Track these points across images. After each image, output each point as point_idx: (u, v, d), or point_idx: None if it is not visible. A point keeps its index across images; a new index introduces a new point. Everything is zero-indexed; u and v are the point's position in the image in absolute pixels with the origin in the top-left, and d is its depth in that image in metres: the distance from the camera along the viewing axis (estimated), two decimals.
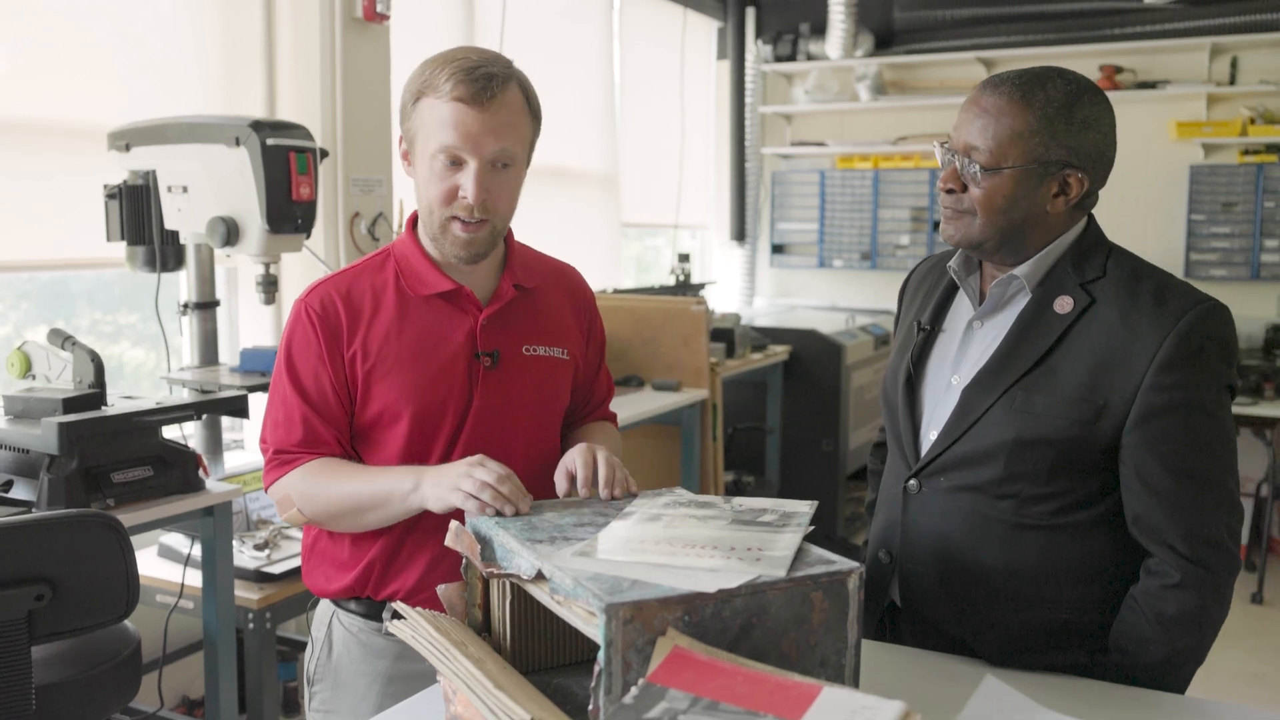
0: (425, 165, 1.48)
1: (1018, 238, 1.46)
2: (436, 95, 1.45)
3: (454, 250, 1.52)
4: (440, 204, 1.49)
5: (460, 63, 1.45)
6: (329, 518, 1.54)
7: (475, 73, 1.44)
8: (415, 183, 1.54)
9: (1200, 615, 1.40)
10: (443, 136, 1.45)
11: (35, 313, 3.10)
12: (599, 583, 1.08)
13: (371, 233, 3.53)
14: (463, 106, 1.44)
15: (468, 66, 1.45)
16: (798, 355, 5.11)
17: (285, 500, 1.54)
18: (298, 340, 1.55)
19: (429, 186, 1.49)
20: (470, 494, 1.35)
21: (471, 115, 1.44)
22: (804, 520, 1.29)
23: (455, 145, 1.45)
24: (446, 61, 1.47)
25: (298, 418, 1.53)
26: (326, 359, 1.53)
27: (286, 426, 1.54)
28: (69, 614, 1.68)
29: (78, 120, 2.90)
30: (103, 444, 2.17)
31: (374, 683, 1.59)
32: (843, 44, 6.03)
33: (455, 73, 1.44)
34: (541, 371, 1.61)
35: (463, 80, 1.43)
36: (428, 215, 1.52)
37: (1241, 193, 5.47)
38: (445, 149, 1.45)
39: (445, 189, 1.47)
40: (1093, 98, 1.43)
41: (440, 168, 1.47)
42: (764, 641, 1.10)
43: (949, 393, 1.52)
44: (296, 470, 1.53)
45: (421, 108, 1.47)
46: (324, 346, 1.53)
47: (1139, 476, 1.41)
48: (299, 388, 1.53)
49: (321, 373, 1.53)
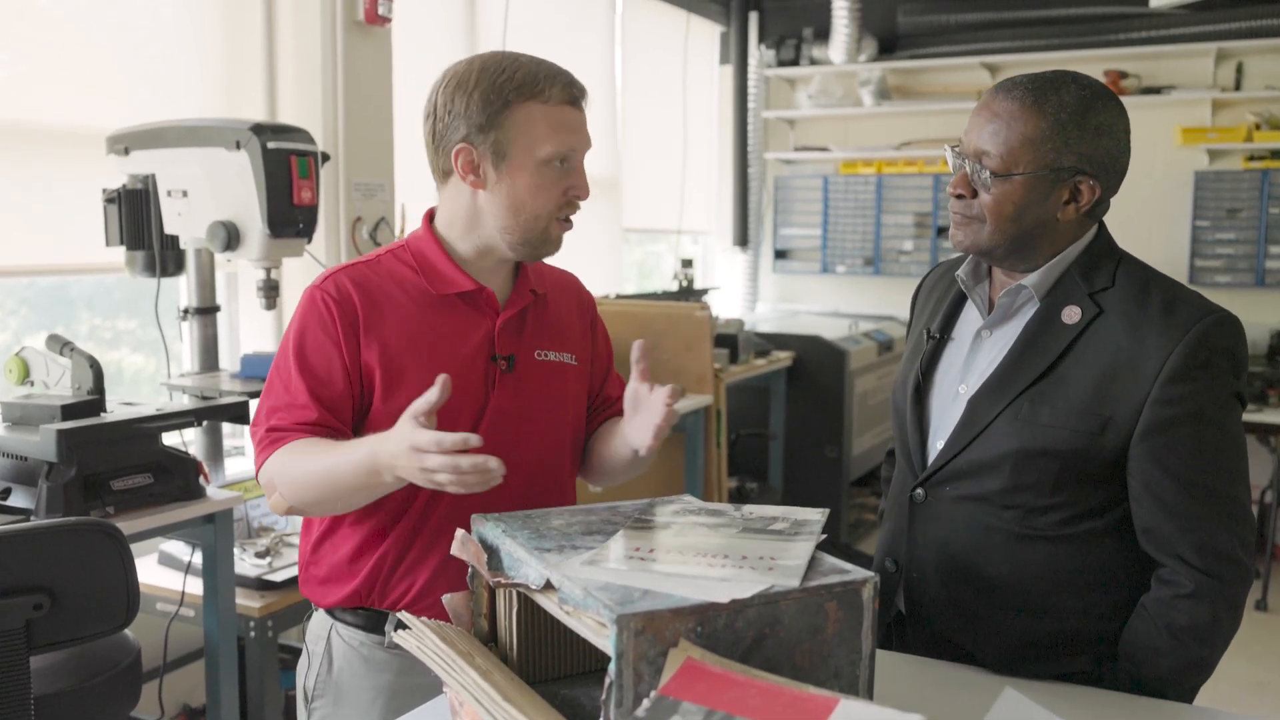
0: (532, 170, 1.49)
1: (1027, 245, 1.44)
2: (543, 100, 1.48)
3: (547, 249, 1.56)
4: (555, 207, 1.52)
5: (550, 69, 1.51)
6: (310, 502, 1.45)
7: (569, 77, 1.52)
8: (498, 192, 1.50)
9: (1213, 626, 1.38)
10: (560, 139, 1.49)
11: (35, 318, 3.08)
12: (609, 593, 1.06)
13: (374, 237, 3.51)
14: (572, 110, 1.51)
15: (557, 72, 1.51)
16: (801, 361, 5.10)
17: (269, 485, 1.47)
18: (312, 323, 1.50)
19: (539, 193, 1.50)
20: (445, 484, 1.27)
21: (578, 118, 1.52)
22: (816, 529, 1.27)
23: (575, 146, 1.51)
24: (535, 67, 1.50)
25: (300, 399, 1.47)
26: (343, 342, 1.49)
27: (287, 408, 1.48)
28: (68, 623, 1.66)
29: (78, 124, 2.88)
30: (102, 451, 2.14)
31: (378, 697, 1.56)
32: (846, 49, 6.02)
33: (554, 79, 1.49)
34: (552, 377, 1.60)
35: (567, 85, 1.50)
36: (531, 222, 1.51)
37: (1246, 199, 5.45)
38: (562, 152, 1.49)
39: (559, 192, 1.51)
40: (1107, 104, 1.41)
41: (554, 171, 1.50)
42: (777, 652, 1.08)
43: (956, 402, 1.50)
44: (283, 449, 1.45)
45: (522, 114, 1.47)
46: (340, 331, 1.49)
47: (1148, 489, 1.39)
48: (305, 368, 1.48)
49: (334, 356, 1.49)
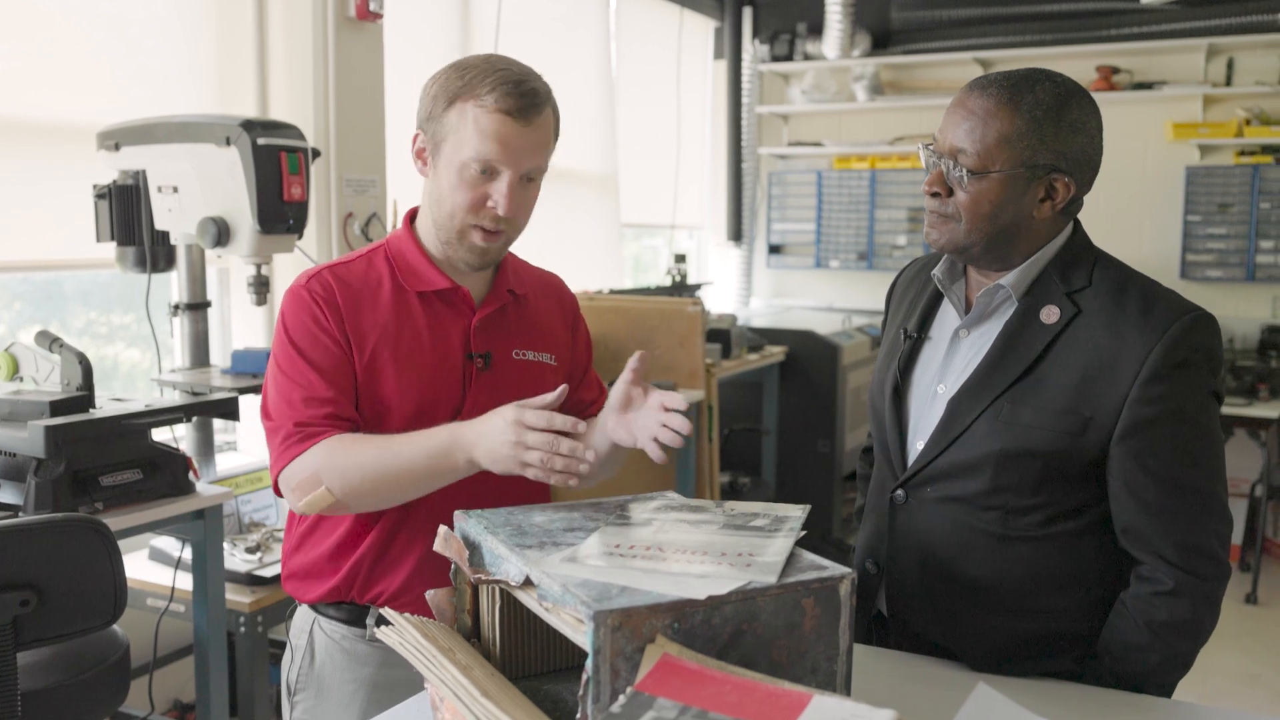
0: (453, 170, 1.47)
1: (1003, 243, 1.44)
2: (478, 103, 1.43)
3: (467, 257, 1.51)
4: (466, 211, 1.48)
5: (505, 74, 1.44)
6: (363, 494, 1.44)
7: (522, 87, 1.44)
8: (432, 184, 1.52)
9: (1193, 623, 1.39)
10: (481, 146, 1.44)
11: (29, 313, 3.08)
12: (587, 589, 1.06)
13: (365, 233, 3.52)
14: (508, 119, 1.43)
15: (514, 79, 1.44)
16: (794, 356, 5.11)
17: (311, 479, 1.42)
18: (302, 319, 1.50)
19: (455, 192, 1.47)
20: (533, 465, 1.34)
21: (515, 129, 1.44)
22: (796, 525, 1.28)
23: (495, 157, 1.44)
24: (489, 70, 1.45)
25: (318, 392, 1.46)
26: (336, 334, 1.49)
27: (303, 402, 1.46)
28: (55, 620, 1.67)
29: (69, 120, 2.88)
30: (91, 447, 2.14)
31: (359, 690, 1.57)
32: (840, 44, 6.02)
33: (502, 84, 1.43)
34: (531, 376, 1.60)
35: (510, 93, 1.43)
36: (446, 219, 1.50)
37: (1237, 194, 5.46)
38: (482, 159, 1.44)
39: (474, 197, 1.47)
40: (1081, 101, 1.41)
41: (472, 175, 1.46)
42: (754, 648, 1.09)
43: (935, 402, 1.50)
44: (322, 444, 1.43)
45: (456, 113, 1.45)
46: (331, 323, 1.49)
47: (1128, 488, 1.40)
48: (312, 362, 1.48)
49: (332, 348, 1.49)
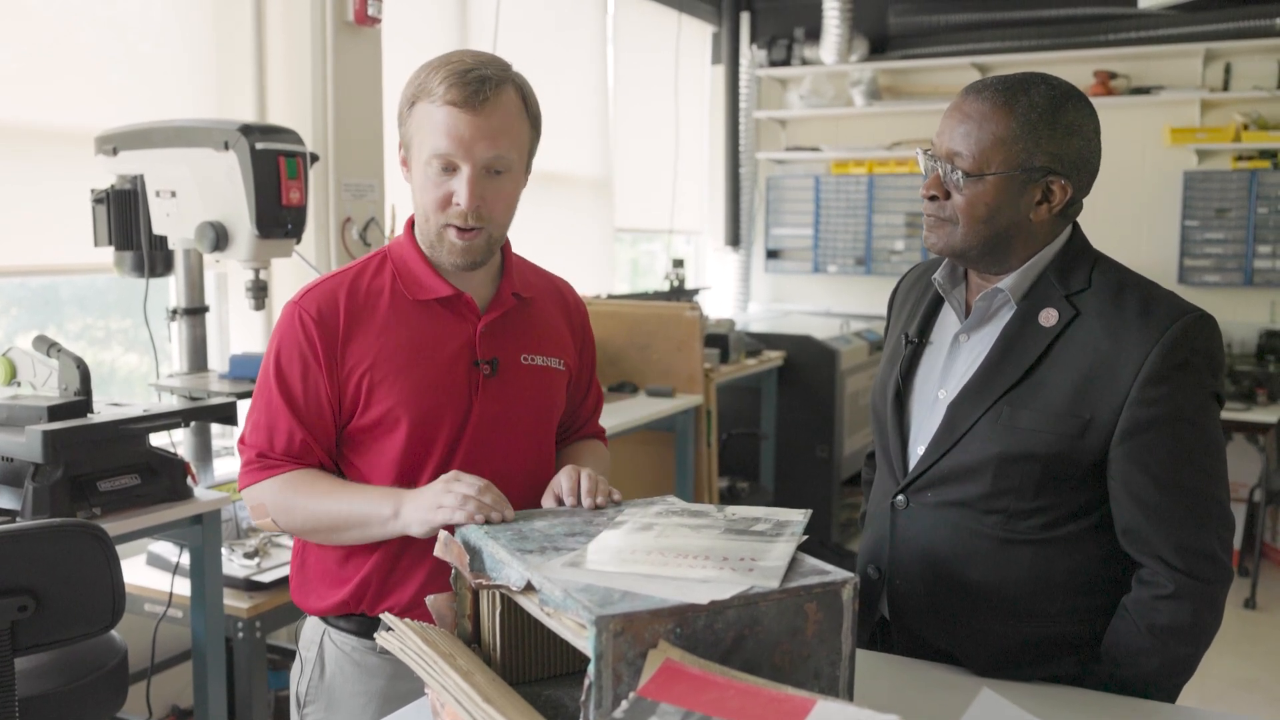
0: (420, 171, 1.46)
1: (1001, 246, 1.44)
2: (430, 100, 1.42)
3: (450, 257, 1.50)
4: (435, 210, 1.46)
5: (454, 66, 1.43)
6: (304, 532, 1.54)
7: (468, 75, 1.41)
8: (412, 188, 1.52)
9: (1194, 626, 1.39)
10: (436, 142, 1.42)
11: (26, 318, 3.08)
12: (589, 594, 1.06)
13: (363, 238, 3.51)
14: (456, 110, 1.41)
15: (461, 69, 1.42)
16: (792, 361, 5.11)
17: (260, 508, 1.53)
18: (290, 345, 1.50)
19: (424, 193, 1.47)
20: (453, 509, 1.34)
21: (464, 119, 1.41)
22: (798, 529, 1.28)
23: (448, 150, 1.42)
24: (441, 65, 1.44)
25: (283, 426, 1.50)
26: (323, 365, 1.49)
27: (269, 432, 1.51)
28: (53, 625, 1.66)
29: (67, 124, 2.88)
30: (89, 452, 2.14)
31: (370, 702, 1.56)
32: (837, 49, 6.03)
33: (448, 76, 1.41)
34: (539, 381, 1.59)
35: (456, 84, 1.41)
36: (424, 222, 1.50)
37: (1235, 198, 5.47)
38: (438, 154, 1.43)
39: (440, 195, 1.45)
40: (1076, 104, 1.41)
41: (434, 173, 1.44)
42: (756, 653, 1.08)
43: (936, 407, 1.50)
44: (276, 479, 1.51)
45: (417, 112, 1.45)
46: (321, 352, 1.49)
47: (1128, 490, 1.39)
48: (287, 395, 1.50)
49: (316, 380, 1.49)
